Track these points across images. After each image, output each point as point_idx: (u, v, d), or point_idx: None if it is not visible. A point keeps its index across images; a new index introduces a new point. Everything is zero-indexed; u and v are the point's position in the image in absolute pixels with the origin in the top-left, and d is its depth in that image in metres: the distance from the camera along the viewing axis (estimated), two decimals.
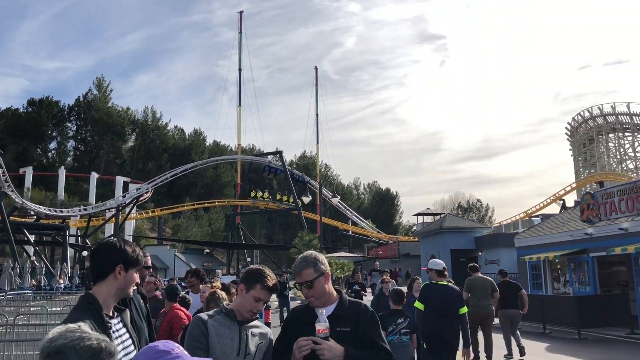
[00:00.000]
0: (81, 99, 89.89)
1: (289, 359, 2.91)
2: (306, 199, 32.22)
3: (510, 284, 12.85)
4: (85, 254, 48.27)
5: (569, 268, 21.16)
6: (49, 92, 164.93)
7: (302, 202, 40.18)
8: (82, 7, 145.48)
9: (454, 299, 6.86)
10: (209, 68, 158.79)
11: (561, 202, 55.53)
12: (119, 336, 2.48)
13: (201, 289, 6.78)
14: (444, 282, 7.07)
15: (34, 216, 48.00)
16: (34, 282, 36.53)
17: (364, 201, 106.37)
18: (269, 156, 72.81)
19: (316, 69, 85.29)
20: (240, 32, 75.03)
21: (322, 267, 3.11)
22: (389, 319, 6.78)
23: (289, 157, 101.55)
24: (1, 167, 38.97)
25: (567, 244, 20.96)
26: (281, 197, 65.76)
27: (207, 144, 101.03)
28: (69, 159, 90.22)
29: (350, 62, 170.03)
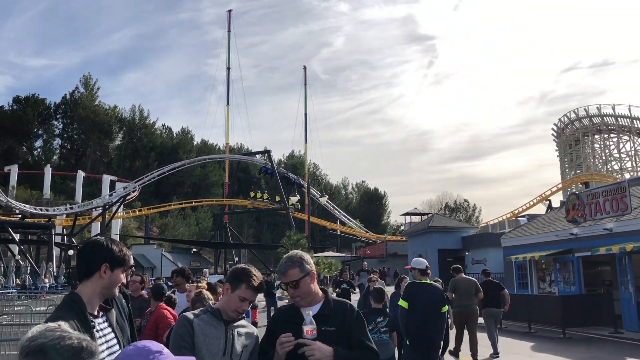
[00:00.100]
0: (68, 96, 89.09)
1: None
2: (294, 199, 32.21)
3: (493, 283, 13.13)
4: (71, 253, 47.86)
5: (554, 268, 21.34)
6: (35, 89, 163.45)
7: (291, 202, 40.19)
8: (69, 4, 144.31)
9: (437, 297, 6.98)
10: (198, 67, 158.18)
11: (547, 202, 55.82)
12: (103, 335, 2.46)
13: (187, 288, 6.77)
14: (427, 280, 7.19)
15: (19, 215, 47.48)
16: (19, 282, 36.16)
17: (352, 201, 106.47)
18: (257, 155, 72.68)
19: (305, 68, 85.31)
20: (229, 31, 74.90)
21: (308, 267, 3.11)
22: (369, 317, 6.82)
23: (277, 156, 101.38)
24: None
25: (553, 244, 21.14)
26: (280, 199, 65.53)
27: (195, 142, 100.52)
28: (55, 157, 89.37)
29: (339, 61, 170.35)
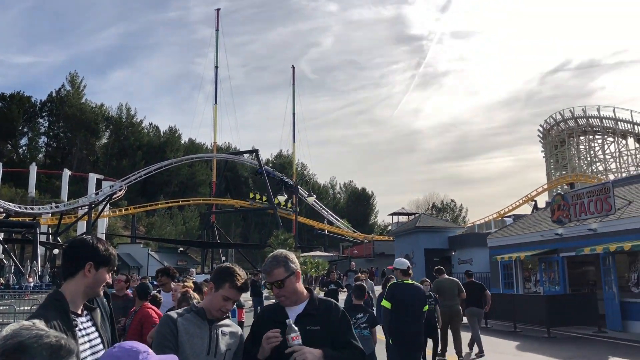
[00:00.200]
0: (54, 94, 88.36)
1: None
2: (281, 198, 32.20)
3: (476, 284, 13.41)
4: (56, 252, 47.44)
5: (539, 268, 21.50)
6: (20, 87, 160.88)
7: (284, 203, 40.17)
8: (55, 1, 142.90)
9: (419, 297, 7.15)
10: (185, 65, 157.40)
11: (533, 202, 56.42)
12: (86, 334, 2.44)
13: (173, 287, 6.74)
14: (408, 280, 7.34)
15: (3, 213, 47.02)
16: (2, 281, 35.84)
17: (339, 200, 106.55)
18: (244, 155, 72.51)
19: (293, 68, 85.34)
20: (217, 30, 74.73)
21: (293, 266, 3.11)
22: (350, 314, 6.87)
23: (265, 155, 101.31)
24: None
25: (538, 244, 21.31)
26: (285, 204, 65.36)
27: (183, 141, 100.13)
28: (40, 155, 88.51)
29: (328, 61, 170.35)
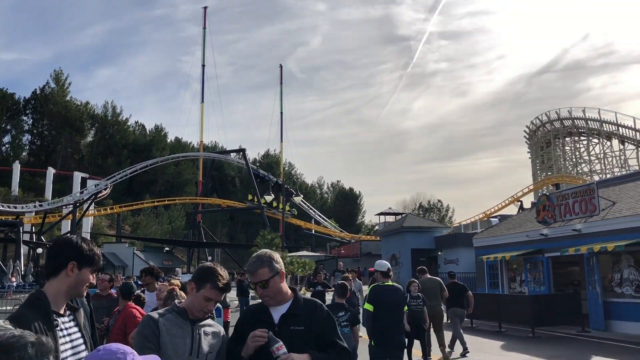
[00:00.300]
0: (38, 92, 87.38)
1: (242, 356, 2.88)
2: (268, 198, 32.11)
3: (458, 285, 13.62)
4: (40, 251, 46.96)
5: (525, 268, 21.67)
6: (3, 84, 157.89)
7: (266, 201, 40.08)
8: None
9: (399, 298, 7.30)
10: (172, 63, 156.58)
11: (519, 203, 56.83)
12: (68, 334, 2.40)
13: (157, 287, 6.68)
14: (389, 282, 7.44)
15: None
16: None
17: (327, 200, 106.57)
18: (231, 154, 72.27)
19: (281, 67, 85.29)
20: (205, 28, 74.42)
21: (277, 266, 3.08)
22: (331, 311, 6.91)
23: (252, 155, 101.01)
24: None
25: (524, 244, 21.47)
26: (277, 204, 65.37)
27: (169, 140, 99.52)
28: (24, 153, 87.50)
29: (316, 61, 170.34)
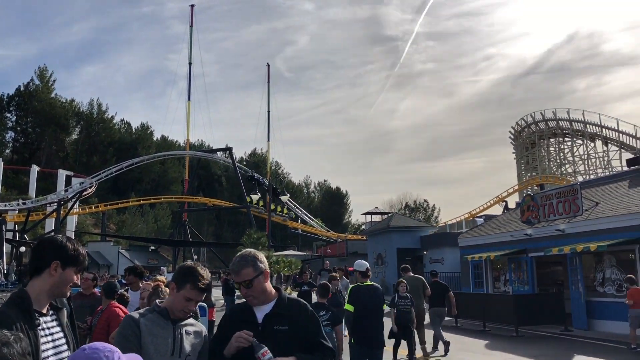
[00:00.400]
0: (22, 88, 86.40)
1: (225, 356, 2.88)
2: (255, 197, 32.05)
3: (440, 284, 13.75)
4: (23, 249, 46.43)
5: (509, 267, 21.84)
6: None
7: (251, 200, 39.96)
8: None
9: (379, 297, 7.45)
10: (159, 61, 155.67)
11: (504, 203, 57.28)
12: (50, 334, 2.39)
13: (141, 286, 6.65)
14: (368, 282, 7.62)
15: None
16: None
17: (314, 199, 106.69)
18: (218, 153, 71.99)
19: (268, 66, 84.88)
20: (192, 26, 74.02)
21: (261, 266, 3.08)
22: None
23: (239, 154, 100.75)
24: None
25: (508, 244, 21.64)
26: (275, 207, 65.39)
27: (155, 138, 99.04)
28: (7, 150, 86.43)
29: (303, 60, 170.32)
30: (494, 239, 22.91)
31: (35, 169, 70.18)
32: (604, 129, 68.70)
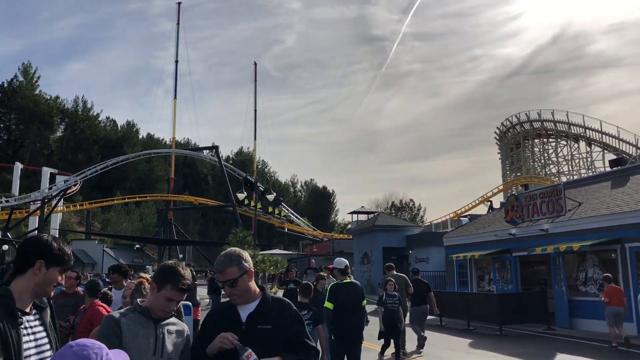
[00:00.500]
0: (5, 85, 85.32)
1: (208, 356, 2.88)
2: (241, 196, 31.97)
3: (422, 282, 13.91)
4: (5, 248, 45.88)
5: (493, 267, 22.01)
6: None
7: (237, 199, 39.82)
8: None
9: (358, 294, 7.57)
10: (145, 59, 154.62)
11: (489, 203, 57.65)
12: (32, 333, 2.37)
13: (126, 285, 6.61)
14: (347, 279, 7.76)
15: None
16: None
17: (300, 198, 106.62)
18: (204, 151, 71.65)
19: (255, 64, 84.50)
20: (178, 24, 73.53)
21: (246, 265, 3.07)
22: None
23: (225, 152, 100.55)
24: None
25: (492, 243, 21.80)
26: (273, 210, 65.39)
27: (141, 136, 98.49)
28: None
29: (291, 59, 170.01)
30: (479, 239, 23.07)
31: (18, 166, 69.35)
32: (587, 130, 69.39)
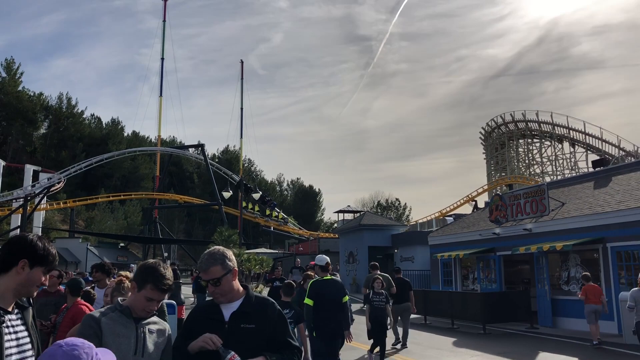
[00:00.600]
0: None
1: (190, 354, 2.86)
2: (226, 194, 31.83)
3: (403, 281, 14.13)
4: None
5: (477, 266, 22.16)
6: None
7: (222, 198, 39.63)
8: None
9: (338, 291, 7.66)
10: (131, 56, 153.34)
11: (473, 202, 58.05)
12: (14, 332, 2.35)
13: (109, 284, 6.55)
14: (327, 276, 7.83)
15: None
16: None
17: (286, 197, 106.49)
18: (190, 149, 71.31)
19: (242, 62, 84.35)
20: (164, 21, 73.04)
21: (230, 264, 3.06)
22: None
23: (211, 150, 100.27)
24: None
25: (477, 242, 21.95)
26: (270, 212, 65.22)
27: (126, 134, 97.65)
28: None
29: (277, 58, 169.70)
30: (463, 238, 23.22)
31: (1, 163, 68.26)
32: (571, 131, 70.13)
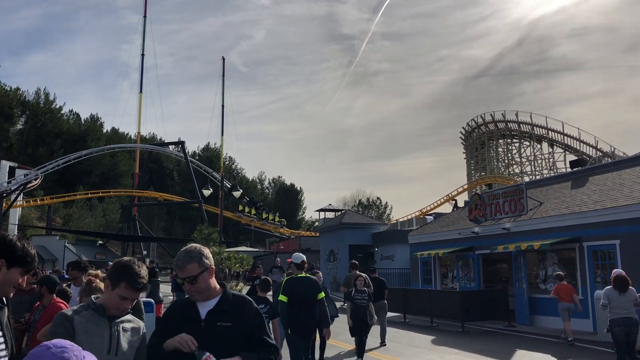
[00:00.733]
0: None
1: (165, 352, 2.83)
2: (207, 192, 31.69)
3: (379, 279, 14.35)
4: None
5: (456, 264, 22.34)
6: None
7: (203, 195, 39.43)
8: None
9: (312, 288, 7.75)
10: (110, 52, 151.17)
11: (453, 202, 58.51)
12: None
13: (85, 281, 6.47)
14: (302, 274, 7.94)
15: None
16: None
17: (268, 196, 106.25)
18: (170, 146, 70.74)
19: (223, 59, 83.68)
20: (145, 17, 72.27)
21: (207, 262, 3.04)
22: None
23: (192, 148, 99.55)
24: None
25: (456, 241, 22.13)
26: (267, 215, 64.76)
27: (105, 130, 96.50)
28: None
29: (259, 55, 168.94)
30: (443, 237, 23.38)
31: None
32: (550, 132, 71.03)
